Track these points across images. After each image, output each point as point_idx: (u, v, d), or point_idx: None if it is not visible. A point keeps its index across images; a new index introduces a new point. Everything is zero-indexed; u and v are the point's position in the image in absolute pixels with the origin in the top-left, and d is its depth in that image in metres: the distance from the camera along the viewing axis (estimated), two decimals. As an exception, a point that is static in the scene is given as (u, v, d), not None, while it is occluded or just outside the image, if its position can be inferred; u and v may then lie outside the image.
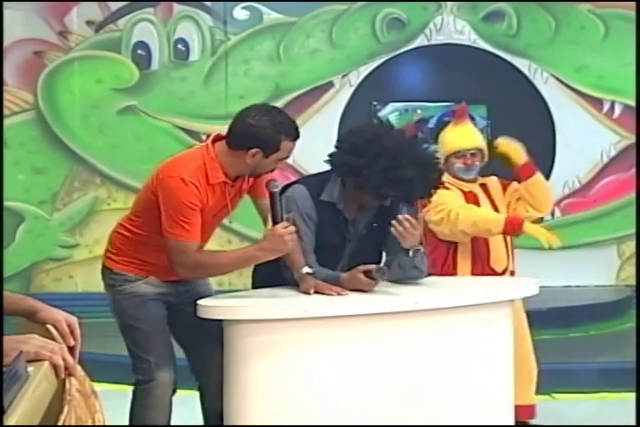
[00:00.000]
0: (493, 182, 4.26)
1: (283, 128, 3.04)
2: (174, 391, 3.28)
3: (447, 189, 3.98)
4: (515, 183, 4.24)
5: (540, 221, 4.32)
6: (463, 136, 4.14)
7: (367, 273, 3.18)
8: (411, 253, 3.27)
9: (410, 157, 3.13)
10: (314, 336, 3.05)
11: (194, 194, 3.01)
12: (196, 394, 3.46)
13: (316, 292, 3.12)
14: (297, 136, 3.10)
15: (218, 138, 3.14)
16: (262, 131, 3.01)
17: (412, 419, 3.15)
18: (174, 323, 3.34)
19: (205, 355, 3.33)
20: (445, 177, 3.83)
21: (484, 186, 4.21)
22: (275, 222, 3.01)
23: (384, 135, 3.20)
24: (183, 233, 3.03)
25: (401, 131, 3.40)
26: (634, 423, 3.62)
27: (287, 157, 3.14)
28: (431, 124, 7.58)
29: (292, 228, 3.01)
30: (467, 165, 4.09)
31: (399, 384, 3.13)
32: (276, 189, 3.04)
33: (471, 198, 4.13)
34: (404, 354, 3.14)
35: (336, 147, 3.27)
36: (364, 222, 3.36)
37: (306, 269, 3.15)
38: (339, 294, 3.09)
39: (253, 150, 3.03)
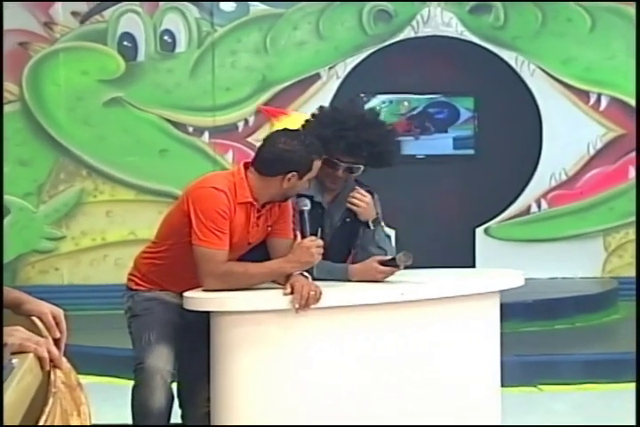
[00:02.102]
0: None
1: (313, 148, 3.16)
2: (173, 376, 3.17)
3: None
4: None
5: None
6: None
7: (382, 263, 3.23)
8: (371, 226, 3.35)
9: (359, 120, 3.31)
10: (300, 327, 3.05)
11: (225, 203, 3.09)
12: None
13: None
14: (323, 154, 3.22)
15: (246, 165, 3.22)
16: (295, 154, 3.12)
17: (399, 410, 3.16)
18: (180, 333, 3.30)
19: (191, 353, 3.30)
20: None
21: None
22: (303, 238, 3.13)
23: (350, 110, 3.47)
24: (215, 240, 3.07)
25: (366, 111, 3.64)
26: (633, 423, 3.62)
27: (315, 176, 3.22)
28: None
29: (319, 241, 3.10)
30: None
31: (386, 375, 3.14)
32: (306, 208, 3.19)
33: None
34: (391, 345, 3.15)
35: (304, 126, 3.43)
36: (338, 215, 3.42)
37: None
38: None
39: (290, 174, 3.12)
